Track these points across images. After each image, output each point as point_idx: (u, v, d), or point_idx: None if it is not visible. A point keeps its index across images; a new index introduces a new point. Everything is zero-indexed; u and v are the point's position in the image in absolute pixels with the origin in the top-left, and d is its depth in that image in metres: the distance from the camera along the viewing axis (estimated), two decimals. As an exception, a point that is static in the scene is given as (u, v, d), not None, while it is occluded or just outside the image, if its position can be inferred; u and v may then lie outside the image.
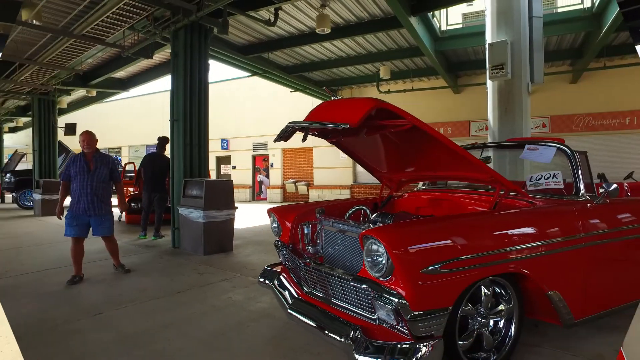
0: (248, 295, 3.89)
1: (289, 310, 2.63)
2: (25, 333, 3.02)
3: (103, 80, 11.87)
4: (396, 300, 1.92)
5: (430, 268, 1.92)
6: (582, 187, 2.76)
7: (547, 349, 2.59)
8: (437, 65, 10.56)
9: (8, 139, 21.67)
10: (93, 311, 3.50)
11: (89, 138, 4.51)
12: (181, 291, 4.06)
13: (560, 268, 2.40)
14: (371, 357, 1.90)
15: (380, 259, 1.95)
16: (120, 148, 22.72)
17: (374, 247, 1.98)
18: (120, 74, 11.97)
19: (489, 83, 8.07)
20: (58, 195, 4.75)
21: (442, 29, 10.16)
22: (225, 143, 20.39)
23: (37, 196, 10.96)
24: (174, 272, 4.81)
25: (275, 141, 2.98)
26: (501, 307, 2.35)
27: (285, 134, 2.80)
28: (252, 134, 19.22)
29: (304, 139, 2.70)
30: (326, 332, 2.23)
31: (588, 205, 2.68)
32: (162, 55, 10.02)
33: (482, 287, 2.25)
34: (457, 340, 2.11)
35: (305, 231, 2.94)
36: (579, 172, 2.78)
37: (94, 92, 13.33)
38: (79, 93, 13.85)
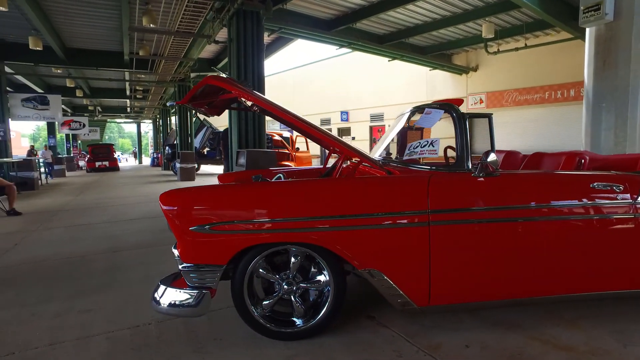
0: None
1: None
2: (68, 262, 4.35)
3: (226, 63, 13.88)
4: (175, 252, 2.25)
5: (198, 227, 2.16)
6: (465, 156, 2.38)
7: (392, 330, 2.43)
8: (544, 14, 8.82)
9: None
10: (115, 249, 4.68)
11: None
12: (187, 242, 4.95)
13: (385, 246, 2.21)
14: (157, 295, 2.27)
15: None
16: (260, 123, 25.87)
17: (164, 206, 2.31)
18: (236, 57, 13.77)
19: (587, 31, 6.51)
20: (194, 164, 5.04)
21: (548, -32, 8.41)
22: (345, 115, 21.14)
23: (178, 165, 13.79)
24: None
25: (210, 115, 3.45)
26: (321, 277, 2.35)
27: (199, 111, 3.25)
28: (369, 105, 19.41)
29: (195, 114, 3.08)
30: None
31: (471, 178, 2.32)
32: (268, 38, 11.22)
33: (292, 255, 2.31)
34: (247, 300, 2.27)
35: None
36: (463, 139, 2.39)
37: (224, 75, 15.68)
38: (213, 77, 16.41)
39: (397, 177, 2.36)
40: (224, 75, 2.98)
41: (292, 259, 2.31)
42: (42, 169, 14.77)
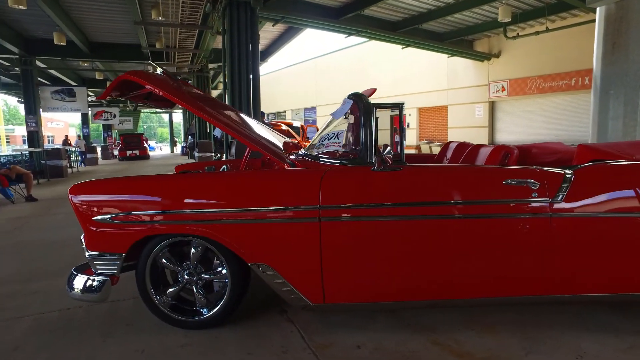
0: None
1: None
2: (48, 246, 4.66)
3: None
4: (83, 241, 2.37)
5: (100, 217, 2.25)
6: (367, 149, 2.31)
7: (294, 326, 2.41)
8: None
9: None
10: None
11: None
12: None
13: (275, 241, 2.19)
14: (71, 282, 2.40)
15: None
16: (285, 112, 26.07)
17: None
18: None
19: (597, 11, 6.04)
20: (211, 153, 5.31)
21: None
22: (366, 105, 20.79)
23: (196, 153, 14.22)
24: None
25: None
26: (222, 269, 2.38)
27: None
28: (390, 93, 18.99)
29: (135, 108, 3.18)
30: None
31: (369, 173, 2.25)
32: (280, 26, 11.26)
33: (192, 246, 2.36)
34: (149, 288, 2.35)
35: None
36: (366, 131, 2.32)
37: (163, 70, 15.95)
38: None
39: (291, 170, 2.34)
40: (159, 71, 3.04)
41: (192, 250, 2.36)
42: (75, 158, 15.72)
